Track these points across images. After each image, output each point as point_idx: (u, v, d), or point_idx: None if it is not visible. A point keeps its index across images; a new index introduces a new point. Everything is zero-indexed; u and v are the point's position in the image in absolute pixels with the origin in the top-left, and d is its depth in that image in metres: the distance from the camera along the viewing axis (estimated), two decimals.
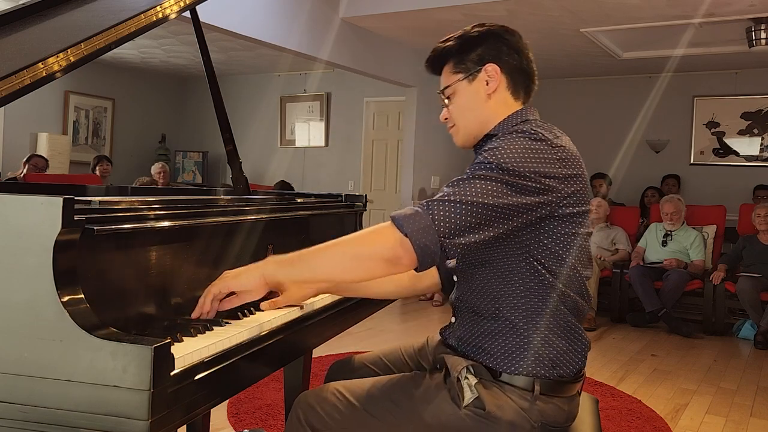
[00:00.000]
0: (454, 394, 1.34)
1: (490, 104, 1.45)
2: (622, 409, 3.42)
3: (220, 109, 2.16)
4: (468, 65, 1.46)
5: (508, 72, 1.45)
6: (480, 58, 1.45)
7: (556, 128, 1.42)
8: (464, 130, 1.50)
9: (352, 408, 1.39)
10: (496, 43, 1.45)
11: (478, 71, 1.45)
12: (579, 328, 1.40)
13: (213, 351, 1.19)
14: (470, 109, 1.47)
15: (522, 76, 1.47)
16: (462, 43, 1.47)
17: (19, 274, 1.04)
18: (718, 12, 5.02)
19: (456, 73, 1.47)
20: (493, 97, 1.45)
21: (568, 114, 8.00)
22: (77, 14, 1.75)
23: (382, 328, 4.98)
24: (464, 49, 1.46)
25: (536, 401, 1.32)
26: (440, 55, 1.50)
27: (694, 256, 5.71)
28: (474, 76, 1.45)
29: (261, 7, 5.08)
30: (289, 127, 8.84)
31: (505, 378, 1.35)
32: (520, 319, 1.35)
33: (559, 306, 1.35)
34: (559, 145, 1.34)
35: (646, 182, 7.29)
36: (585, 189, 1.37)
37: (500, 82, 1.45)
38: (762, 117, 7.05)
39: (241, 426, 2.89)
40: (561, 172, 1.31)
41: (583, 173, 1.38)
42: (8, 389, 1.04)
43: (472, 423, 1.31)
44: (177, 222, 1.33)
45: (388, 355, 1.67)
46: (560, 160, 1.32)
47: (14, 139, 7.64)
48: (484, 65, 1.44)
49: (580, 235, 1.37)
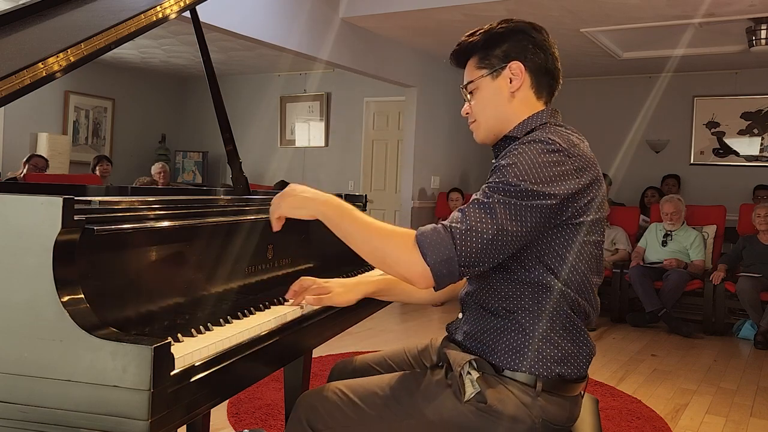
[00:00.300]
0: (455, 390, 1.34)
1: (512, 102, 1.44)
2: (622, 409, 3.42)
3: (220, 109, 2.16)
4: (492, 61, 1.44)
5: (532, 70, 1.44)
6: (505, 54, 1.43)
7: (574, 134, 1.40)
8: (485, 125, 1.49)
9: (354, 406, 1.39)
10: (522, 41, 1.43)
11: (502, 68, 1.43)
12: (584, 331, 1.40)
13: (213, 351, 1.19)
14: (492, 107, 1.46)
15: (546, 76, 1.46)
16: (488, 38, 1.45)
17: (19, 274, 1.04)
18: (718, 12, 5.02)
19: (480, 68, 1.46)
20: (516, 95, 1.44)
21: (568, 114, 7.96)
22: (77, 14, 1.75)
23: (382, 328, 4.98)
24: (489, 45, 1.45)
25: (538, 397, 1.33)
26: (465, 49, 1.49)
27: (694, 256, 5.71)
28: (498, 73, 1.44)
29: (261, 7, 5.08)
30: (289, 127, 8.84)
31: (507, 374, 1.35)
32: (527, 319, 1.35)
33: (566, 309, 1.35)
34: (575, 154, 1.32)
35: (646, 182, 7.30)
36: (600, 196, 1.36)
37: (524, 80, 1.44)
38: (762, 117, 7.05)
39: (241, 426, 2.89)
40: (578, 183, 1.30)
41: (599, 179, 1.37)
42: (8, 389, 1.04)
43: (474, 417, 1.32)
44: (177, 222, 1.33)
45: (392, 356, 1.68)
46: (577, 170, 1.31)
47: (14, 139, 7.64)
48: (508, 62, 1.43)
49: (592, 243, 1.36)
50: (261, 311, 1.49)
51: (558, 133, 1.36)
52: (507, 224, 1.24)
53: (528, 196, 1.25)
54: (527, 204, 1.25)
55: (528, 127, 1.43)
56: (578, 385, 1.40)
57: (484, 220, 1.24)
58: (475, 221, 1.24)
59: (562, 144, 1.32)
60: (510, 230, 1.25)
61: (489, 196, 1.27)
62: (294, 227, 1.47)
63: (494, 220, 1.24)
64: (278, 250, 1.71)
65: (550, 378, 1.34)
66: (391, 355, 1.68)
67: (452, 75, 7.37)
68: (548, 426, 1.34)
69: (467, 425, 1.32)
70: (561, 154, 1.30)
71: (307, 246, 1.88)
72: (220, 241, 1.49)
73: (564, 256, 1.33)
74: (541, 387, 1.33)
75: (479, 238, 1.23)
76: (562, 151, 1.30)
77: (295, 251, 1.82)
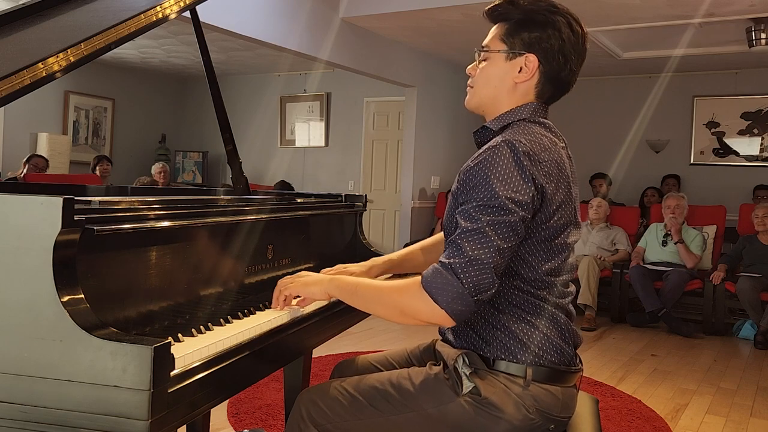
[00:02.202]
0: (453, 383, 1.36)
1: (512, 91, 1.44)
2: (622, 409, 3.42)
3: (220, 109, 2.16)
4: (515, 42, 1.42)
5: (544, 73, 1.43)
6: (530, 44, 1.41)
7: (549, 133, 1.40)
8: (478, 96, 1.49)
9: (355, 401, 1.40)
10: (552, 38, 1.40)
11: (520, 54, 1.42)
12: (564, 318, 1.41)
13: (213, 351, 1.19)
14: (493, 85, 1.45)
15: (554, 85, 1.45)
16: (524, 17, 1.42)
17: (19, 274, 1.04)
18: (718, 12, 5.02)
19: (501, 41, 1.44)
20: (518, 86, 1.44)
21: (569, 114, 8.00)
22: (77, 14, 1.75)
23: (383, 328, 4.98)
24: (521, 24, 1.42)
25: (529, 387, 1.35)
26: (501, 13, 1.46)
27: (693, 251, 5.68)
28: (513, 57, 1.43)
29: (261, 7, 5.08)
30: (289, 127, 8.83)
31: (497, 366, 1.37)
32: (509, 315, 1.37)
33: (541, 303, 1.38)
34: (544, 159, 1.33)
35: (646, 182, 7.29)
36: (569, 201, 1.37)
37: (533, 77, 1.43)
38: (762, 117, 7.05)
39: (241, 426, 2.89)
40: (549, 188, 1.32)
41: (569, 183, 1.38)
42: (8, 389, 1.04)
43: (471, 410, 1.34)
44: (177, 222, 1.33)
45: (394, 356, 1.69)
46: (547, 175, 1.32)
47: (14, 139, 7.64)
48: (528, 53, 1.41)
49: (566, 244, 1.39)
50: (261, 311, 1.49)
51: (530, 133, 1.36)
52: (502, 243, 1.26)
53: (512, 210, 1.27)
54: (513, 219, 1.27)
55: (505, 121, 1.43)
56: (570, 376, 1.41)
57: (481, 247, 1.25)
58: (473, 250, 1.25)
59: (532, 148, 1.32)
60: (506, 247, 1.27)
61: (476, 219, 1.27)
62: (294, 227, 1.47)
63: (490, 243, 1.25)
64: (278, 250, 1.72)
65: (539, 366, 1.36)
66: (394, 355, 1.69)
67: (452, 75, 7.37)
68: (543, 414, 1.36)
69: (465, 418, 1.34)
70: (530, 159, 1.30)
71: (307, 246, 1.88)
72: (220, 241, 1.49)
73: (529, 260, 1.36)
74: (531, 377, 1.35)
75: (481, 266, 1.25)
76: (532, 156, 1.31)
77: (295, 251, 1.82)
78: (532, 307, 1.38)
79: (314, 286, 1.47)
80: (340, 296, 1.44)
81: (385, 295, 1.37)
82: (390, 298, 1.35)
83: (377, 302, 1.38)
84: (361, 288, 1.40)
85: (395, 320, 1.36)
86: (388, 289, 1.36)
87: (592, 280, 5.62)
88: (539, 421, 1.36)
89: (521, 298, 1.37)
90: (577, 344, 1.45)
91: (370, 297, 1.39)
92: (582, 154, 8.04)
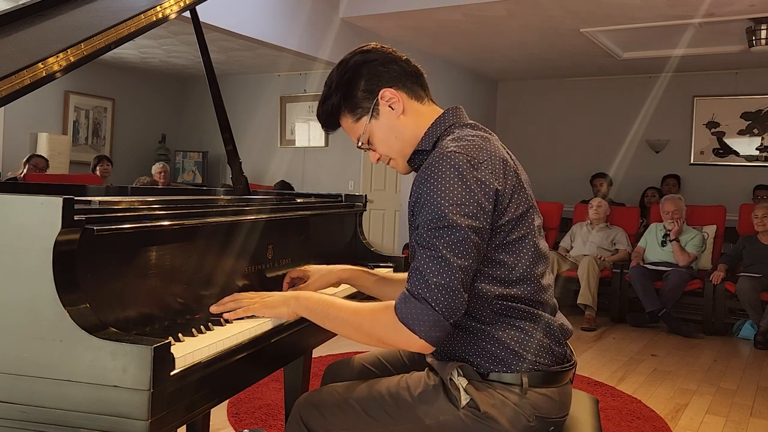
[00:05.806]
0: (451, 395, 1.35)
1: (406, 122, 1.45)
2: (621, 409, 3.42)
3: (220, 109, 2.16)
4: (364, 105, 1.44)
5: (399, 85, 1.44)
6: (369, 91, 1.43)
7: (479, 133, 1.39)
8: (400, 156, 1.48)
9: (352, 410, 1.39)
10: (371, 68, 1.43)
11: (376, 104, 1.43)
12: (550, 319, 1.39)
13: (213, 351, 1.19)
14: (394, 139, 1.46)
15: (411, 80, 1.46)
16: (342, 92, 1.45)
17: (19, 274, 1.04)
18: (718, 12, 5.02)
19: (358, 119, 1.46)
20: (406, 114, 1.44)
21: (569, 114, 8.00)
22: (77, 14, 1.75)
23: None
24: (348, 95, 1.44)
25: (526, 394, 1.34)
26: (330, 115, 1.48)
27: (688, 250, 5.68)
28: (377, 111, 1.44)
29: (261, 7, 5.08)
30: (289, 127, 8.83)
31: (492, 377, 1.36)
32: (489, 322, 1.35)
33: (522, 306, 1.36)
34: (484, 159, 1.31)
35: (646, 182, 7.29)
36: (521, 188, 1.36)
37: (400, 97, 1.44)
38: (762, 117, 7.05)
39: (241, 426, 2.89)
40: (499, 184, 1.30)
41: (515, 171, 1.37)
42: (8, 389, 1.04)
43: (471, 423, 1.33)
44: (177, 222, 1.33)
45: (386, 356, 1.68)
46: (493, 173, 1.30)
47: (14, 139, 7.64)
48: (377, 95, 1.43)
49: (527, 237, 1.36)
50: None
51: (460, 138, 1.35)
52: (463, 261, 1.24)
53: (462, 226, 1.24)
54: (466, 234, 1.25)
55: (434, 136, 1.43)
56: (564, 374, 1.40)
57: (443, 273, 1.23)
58: (436, 278, 1.23)
59: (466, 155, 1.30)
60: (468, 265, 1.25)
61: (431, 245, 1.25)
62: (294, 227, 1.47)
63: (450, 266, 1.23)
64: (278, 250, 1.72)
65: (534, 372, 1.35)
66: (386, 355, 1.68)
67: (452, 74, 7.37)
68: (543, 420, 1.35)
69: (464, 431, 1.33)
70: (470, 168, 1.28)
71: (307, 246, 1.88)
72: (220, 241, 1.49)
73: (501, 260, 1.33)
74: (527, 383, 1.34)
75: (447, 289, 1.23)
76: (471, 164, 1.29)
77: (295, 251, 1.82)
78: (516, 312, 1.35)
79: (280, 308, 1.42)
80: (310, 317, 1.40)
81: (361, 322, 1.33)
82: (366, 326, 1.32)
83: (352, 329, 1.34)
84: (334, 311, 1.37)
85: (371, 344, 1.34)
86: (363, 315, 1.33)
87: (592, 280, 5.62)
88: (539, 426, 1.35)
89: (504, 306, 1.35)
90: (567, 336, 1.44)
91: (344, 322, 1.35)
92: (582, 154, 8.06)
